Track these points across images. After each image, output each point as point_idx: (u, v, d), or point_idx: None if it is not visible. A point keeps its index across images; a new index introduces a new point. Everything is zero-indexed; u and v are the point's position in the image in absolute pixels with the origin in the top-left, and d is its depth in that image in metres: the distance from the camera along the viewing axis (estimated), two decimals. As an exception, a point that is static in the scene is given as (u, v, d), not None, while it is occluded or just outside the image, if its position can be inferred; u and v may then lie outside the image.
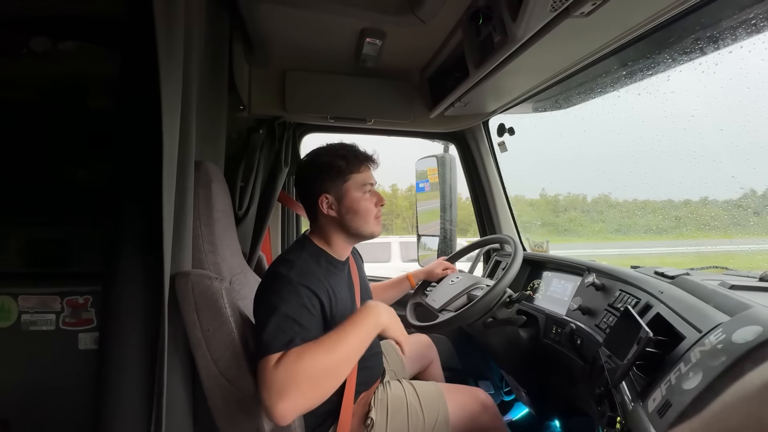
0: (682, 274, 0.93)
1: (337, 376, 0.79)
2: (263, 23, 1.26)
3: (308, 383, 0.74)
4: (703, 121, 1.06)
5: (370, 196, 1.03)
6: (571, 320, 1.15)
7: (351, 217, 1.01)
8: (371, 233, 1.04)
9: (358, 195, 1.01)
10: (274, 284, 0.90)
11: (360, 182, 1.01)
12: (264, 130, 1.60)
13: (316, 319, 0.88)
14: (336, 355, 0.77)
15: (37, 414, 1.16)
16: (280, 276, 0.90)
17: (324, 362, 0.76)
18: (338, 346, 0.78)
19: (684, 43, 1.03)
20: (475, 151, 1.84)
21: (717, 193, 1.22)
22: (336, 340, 0.79)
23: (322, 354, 0.76)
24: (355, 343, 0.81)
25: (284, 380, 0.73)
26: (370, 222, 1.03)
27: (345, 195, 1.01)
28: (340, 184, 1.01)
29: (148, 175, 0.77)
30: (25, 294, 1.15)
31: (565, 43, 0.98)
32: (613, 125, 1.44)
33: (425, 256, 1.95)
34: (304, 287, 0.88)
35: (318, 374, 0.75)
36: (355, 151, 1.04)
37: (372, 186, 1.04)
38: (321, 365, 0.76)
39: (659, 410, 0.57)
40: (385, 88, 1.63)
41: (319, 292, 0.91)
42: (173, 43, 0.76)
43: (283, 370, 0.74)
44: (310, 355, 0.76)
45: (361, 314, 0.85)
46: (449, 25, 1.23)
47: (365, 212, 1.01)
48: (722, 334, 0.56)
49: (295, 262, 0.94)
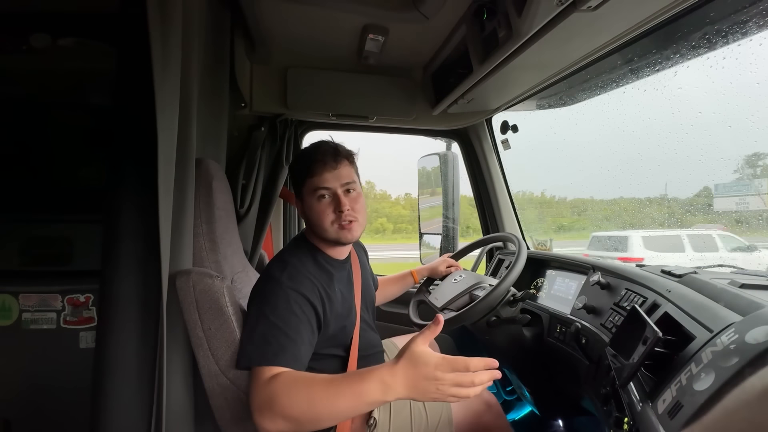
0: (690, 273, 0.92)
1: (316, 424, 0.72)
2: (265, 20, 1.24)
3: (283, 417, 0.70)
4: (711, 118, 1.05)
5: (328, 202, 0.94)
6: (576, 319, 1.14)
7: (311, 223, 0.97)
8: (335, 239, 0.96)
9: (311, 201, 0.95)
10: (265, 286, 0.88)
11: (312, 187, 0.94)
12: (265, 128, 1.59)
13: (306, 325, 0.85)
14: (318, 408, 0.70)
15: (39, 413, 1.16)
16: (271, 278, 0.89)
17: (304, 408, 0.70)
18: (325, 402, 0.70)
19: (692, 37, 1.01)
20: (478, 148, 1.83)
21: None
22: (326, 395, 0.70)
23: (306, 401, 0.70)
24: (345, 408, 0.70)
25: (265, 402, 0.72)
26: (329, 229, 0.94)
27: (303, 201, 0.97)
28: (300, 189, 0.98)
29: (145, 173, 0.76)
30: (26, 292, 1.14)
31: (571, 38, 0.97)
32: (618, 122, 1.43)
33: (427, 255, 1.94)
34: (293, 291, 0.85)
35: (295, 415, 0.70)
36: (313, 152, 0.96)
37: (326, 190, 0.93)
38: (301, 409, 0.70)
39: (669, 411, 0.56)
40: (387, 85, 1.61)
41: (309, 295, 0.87)
42: (168, 40, 0.75)
43: (266, 393, 0.72)
44: (294, 396, 0.71)
45: (369, 381, 0.70)
46: (453, 21, 1.21)
47: (317, 218, 0.94)
48: (735, 335, 0.55)
49: (288, 263, 0.92)
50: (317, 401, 0.70)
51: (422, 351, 0.69)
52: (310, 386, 0.72)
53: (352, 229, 0.96)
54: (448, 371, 0.67)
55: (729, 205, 1.89)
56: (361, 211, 0.98)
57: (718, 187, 1.92)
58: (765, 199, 1.71)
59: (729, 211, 1.55)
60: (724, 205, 1.92)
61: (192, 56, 0.87)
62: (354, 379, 0.71)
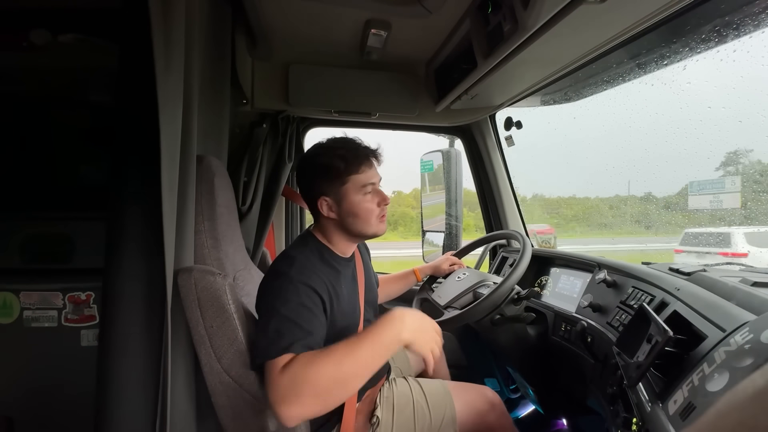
0: (699, 271, 0.90)
1: (344, 389, 0.74)
2: (266, 15, 1.23)
3: (312, 394, 0.70)
4: (720, 113, 1.03)
5: (372, 197, 0.98)
6: (581, 318, 1.12)
7: (352, 219, 0.97)
8: (374, 234, 1.00)
9: (357, 198, 0.96)
10: (274, 282, 0.88)
11: (359, 184, 0.95)
12: (267, 125, 1.57)
13: (317, 318, 0.85)
14: (344, 368, 0.72)
15: (41, 411, 1.16)
16: (280, 274, 0.88)
17: (331, 374, 0.71)
18: (349, 359, 0.73)
19: (701, 30, 0.99)
20: (481, 145, 1.81)
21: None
22: (347, 352, 0.73)
23: (331, 365, 0.72)
24: (368, 358, 0.74)
25: (288, 388, 0.71)
26: (372, 223, 0.98)
27: (344, 198, 0.96)
28: (338, 187, 0.95)
29: (148, 170, 0.75)
30: (27, 290, 1.14)
31: (578, 31, 0.95)
32: (625, 117, 1.41)
33: (430, 253, 1.93)
34: (303, 285, 0.85)
35: (323, 386, 0.71)
36: (355, 149, 0.97)
37: (373, 185, 0.98)
38: (327, 377, 0.71)
39: (681, 413, 0.55)
40: (390, 82, 1.59)
41: (319, 289, 0.87)
42: (170, 36, 0.74)
43: (288, 378, 0.71)
44: (317, 366, 0.72)
45: (381, 326, 0.77)
46: (457, 15, 1.19)
47: (366, 214, 0.97)
48: (749, 334, 0.54)
49: (296, 258, 0.91)
50: (342, 363, 0.72)
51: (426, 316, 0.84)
52: (328, 355, 0.73)
53: (384, 222, 1.01)
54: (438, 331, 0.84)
55: (703, 203, 1.88)
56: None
57: (692, 185, 1.91)
58: (738, 197, 1.70)
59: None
60: (698, 203, 1.91)
61: (193, 53, 0.86)
62: (366, 331, 0.77)
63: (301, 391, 0.70)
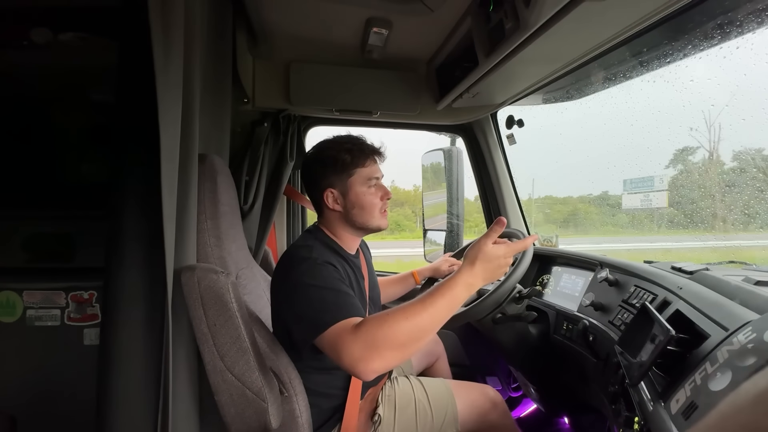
0: (701, 270, 0.90)
1: (421, 340, 0.76)
2: (267, 13, 1.23)
3: (391, 347, 0.73)
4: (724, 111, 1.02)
5: (376, 190, 1.02)
6: (583, 316, 1.12)
7: (356, 211, 1.00)
8: (377, 227, 1.03)
9: (362, 190, 1.00)
10: (299, 267, 0.88)
11: (365, 177, 1.00)
12: (268, 124, 1.57)
13: (346, 284, 0.89)
14: (421, 322, 0.75)
15: (44, 409, 1.16)
16: (302, 259, 0.90)
17: (408, 329, 0.74)
18: (425, 314, 0.75)
19: (705, 27, 0.99)
20: (483, 143, 1.81)
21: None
22: (422, 308, 0.76)
23: (408, 321, 0.74)
24: (443, 310, 0.77)
25: (367, 345, 0.73)
26: (375, 216, 1.02)
27: (350, 190, 1.00)
28: (344, 179, 1.00)
29: (148, 168, 0.75)
30: (30, 289, 1.14)
31: (580, 29, 0.94)
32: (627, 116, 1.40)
33: (431, 251, 1.93)
34: (329, 265, 0.89)
35: (401, 340, 0.73)
36: (360, 144, 1.02)
37: (378, 180, 1.03)
38: (405, 332, 0.73)
39: (684, 412, 0.55)
40: (391, 80, 1.59)
41: (340, 269, 0.92)
42: (170, 35, 0.74)
43: (365, 336, 0.73)
44: (393, 323, 0.73)
45: (455, 282, 0.79)
46: (458, 13, 1.19)
47: (370, 207, 1.01)
48: (752, 333, 0.53)
49: (313, 247, 0.94)
50: (418, 317, 0.74)
51: (492, 248, 0.81)
52: (403, 311, 0.75)
53: (386, 217, 1.05)
54: (512, 253, 0.84)
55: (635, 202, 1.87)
56: None
57: (626, 183, 1.90)
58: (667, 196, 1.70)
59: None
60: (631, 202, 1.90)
61: (194, 51, 0.86)
62: (442, 291, 0.78)
63: (381, 346, 0.72)
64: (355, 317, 0.79)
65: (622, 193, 1.93)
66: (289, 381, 0.91)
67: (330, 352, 0.77)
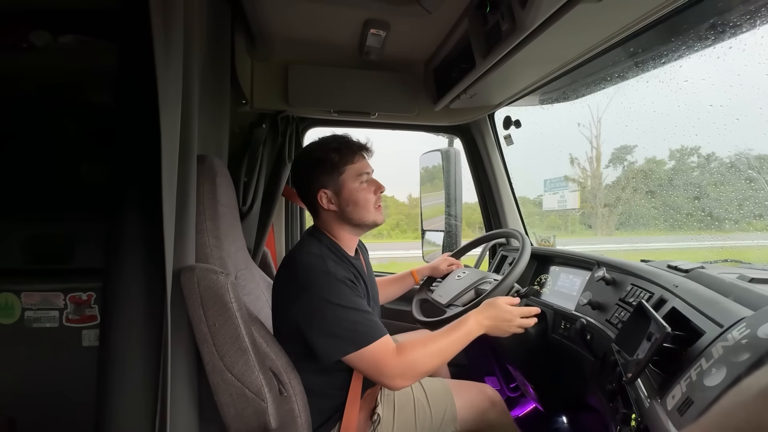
0: (697, 268, 0.91)
1: (443, 363, 0.95)
2: (265, 16, 1.23)
3: (425, 371, 0.90)
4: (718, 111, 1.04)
5: (368, 185, 1.02)
6: (581, 315, 1.13)
7: (352, 208, 1.01)
8: (374, 222, 1.04)
9: (355, 186, 1.01)
10: (318, 281, 0.90)
11: (355, 173, 1.01)
12: (267, 125, 1.58)
13: (365, 300, 0.94)
14: (446, 353, 0.92)
15: (43, 411, 1.16)
16: (321, 273, 0.91)
17: (437, 358, 0.91)
18: (449, 348, 0.93)
19: (699, 28, 1.00)
20: (480, 144, 1.82)
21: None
22: (447, 342, 0.93)
23: (438, 352, 0.91)
24: (459, 343, 0.94)
25: (407, 367, 0.88)
26: (371, 211, 1.03)
27: (342, 187, 1.00)
28: (336, 178, 1.00)
29: (148, 170, 0.76)
30: (28, 291, 1.14)
31: (576, 30, 0.95)
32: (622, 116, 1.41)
33: (429, 252, 1.93)
34: (347, 279, 0.92)
35: (432, 365, 0.90)
36: (347, 141, 1.03)
37: (368, 174, 1.03)
38: (436, 360, 0.91)
39: (679, 408, 0.55)
40: (389, 81, 1.60)
41: (354, 277, 0.95)
42: (170, 37, 0.74)
43: (407, 360, 0.88)
44: (428, 352, 0.90)
45: (470, 325, 0.95)
46: (455, 15, 1.20)
47: (364, 202, 1.01)
48: (746, 329, 0.54)
49: (324, 254, 0.96)
50: (444, 350, 0.92)
51: (501, 300, 0.99)
52: (435, 342, 0.92)
53: (381, 211, 1.06)
54: (518, 314, 0.98)
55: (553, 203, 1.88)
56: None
57: (546, 183, 1.91)
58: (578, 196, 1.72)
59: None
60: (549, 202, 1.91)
61: (193, 53, 0.86)
62: (459, 327, 0.95)
63: (418, 369, 0.89)
64: (386, 336, 0.90)
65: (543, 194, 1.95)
66: (288, 381, 0.91)
67: (367, 368, 0.89)
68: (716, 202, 1.30)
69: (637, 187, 1.33)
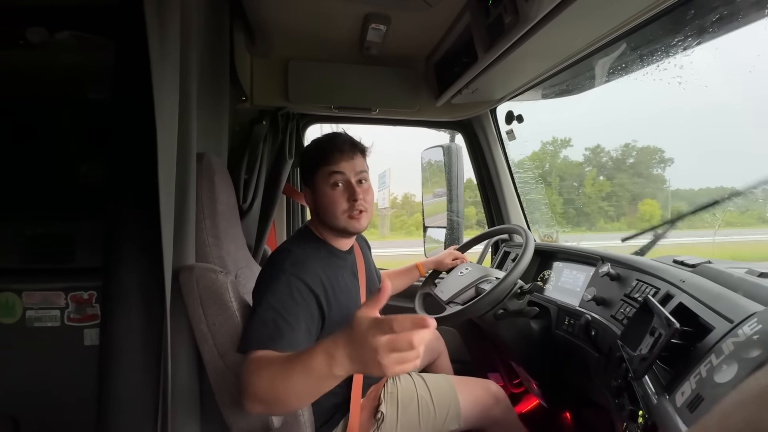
0: (704, 263, 0.89)
1: (283, 405, 0.70)
2: (264, 11, 1.22)
3: (253, 398, 0.69)
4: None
5: (342, 191, 0.95)
6: (585, 311, 1.12)
7: (322, 211, 0.98)
8: (343, 228, 0.97)
9: (325, 189, 0.95)
10: (268, 272, 0.89)
11: (326, 173, 0.95)
12: (267, 122, 1.57)
13: (305, 312, 0.84)
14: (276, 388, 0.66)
15: (46, 410, 1.16)
16: (273, 265, 0.90)
17: (265, 388, 0.67)
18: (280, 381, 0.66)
19: (706, 19, 0.98)
20: (482, 139, 1.80)
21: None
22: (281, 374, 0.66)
23: (265, 381, 0.68)
24: (301, 386, 0.64)
25: (245, 383, 0.70)
26: (340, 217, 0.95)
27: (315, 188, 0.98)
28: (312, 177, 0.98)
29: (145, 168, 0.75)
30: (29, 290, 1.14)
31: (580, 22, 0.94)
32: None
33: (432, 248, 1.93)
34: (295, 278, 0.86)
35: (261, 395, 0.68)
36: (332, 140, 0.98)
37: (343, 177, 0.95)
38: (263, 390, 0.68)
39: (689, 404, 0.54)
40: (390, 77, 1.58)
41: (312, 282, 0.88)
42: (166, 33, 0.73)
43: (246, 373, 0.71)
44: (257, 375, 0.69)
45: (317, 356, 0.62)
46: (457, 8, 1.18)
47: (330, 206, 0.95)
48: (758, 324, 0.53)
49: (291, 251, 0.93)
50: (275, 381, 0.66)
51: (359, 316, 0.58)
52: (270, 365, 0.69)
53: (361, 219, 0.98)
54: (379, 334, 0.55)
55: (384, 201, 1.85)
56: (371, 202, 1.01)
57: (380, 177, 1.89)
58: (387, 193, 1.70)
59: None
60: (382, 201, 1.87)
61: (191, 49, 0.85)
62: (305, 354, 0.64)
63: (249, 391, 0.69)
64: (267, 351, 0.73)
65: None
66: (291, 379, 0.90)
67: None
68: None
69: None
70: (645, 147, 1.53)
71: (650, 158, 4.00)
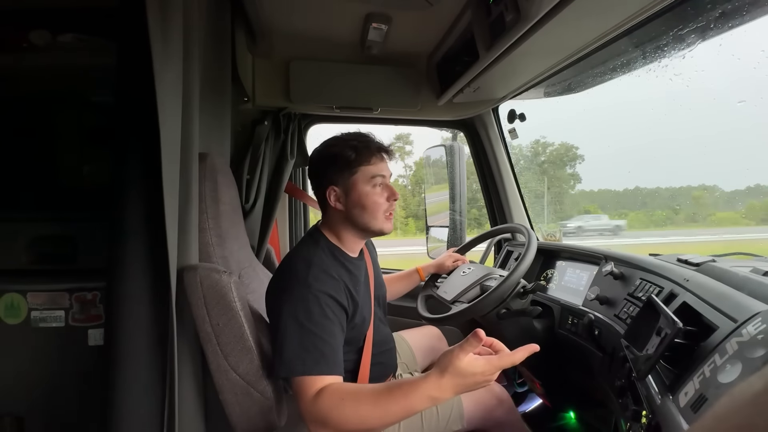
0: (708, 261, 0.89)
1: (377, 425, 0.76)
2: (265, 11, 1.22)
3: (338, 428, 0.75)
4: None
5: (381, 190, 0.96)
6: (588, 310, 1.11)
7: (358, 212, 0.95)
8: (380, 230, 0.98)
9: (366, 189, 0.95)
10: (289, 287, 0.87)
11: (369, 175, 0.95)
12: (269, 122, 1.57)
13: (338, 327, 0.86)
14: (372, 417, 0.74)
15: (51, 410, 1.17)
16: (297, 280, 0.87)
17: (358, 419, 0.74)
18: (378, 410, 0.73)
19: (709, 16, 0.97)
20: (484, 138, 1.79)
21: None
22: (382, 408, 0.73)
23: (360, 412, 0.74)
24: (398, 413, 0.74)
25: (320, 415, 0.76)
26: (379, 218, 0.96)
27: (352, 188, 0.95)
28: (347, 177, 0.95)
29: (148, 168, 0.75)
30: (34, 291, 1.14)
31: (582, 19, 0.93)
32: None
33: (434, 248, 1.92)
34: (324, 294, 0.85)
35: (350, 426, 0.75)
36: (366, 141, 0.97)
37: (383, 179, 0.97)
38: (355, 421, 0.75)
39: (693, 405, 0.54)
40: (391, 76, 1.58)
41: (338, 296, 0.88)
42: (168, 34, 0.74)
43: (321, 407, 0.76)
44: (348, 408, 0.75)
45: (418, 398, 0.72)
46: (458, 7, 1.18)
47: (373, 207, 0.95)
48: (762, 324, 0.53)
49: (312, 261, 0.90)
50: (368, 418, 0.74)
51: (467, 362, 0.71)
52: (358, 402, 0.75)
53: (391, 221, 1.00)
54: (494, 371, 0.73)
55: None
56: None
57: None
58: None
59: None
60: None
61: (192, 50, 0.85)
62: (401, 394, 0.72)
63: (330, 423, 0.75)
64: (323, 376, 0.79)
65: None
66: (294, 379, 0.91)
67: (294, 395, 0.82)
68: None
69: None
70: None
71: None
